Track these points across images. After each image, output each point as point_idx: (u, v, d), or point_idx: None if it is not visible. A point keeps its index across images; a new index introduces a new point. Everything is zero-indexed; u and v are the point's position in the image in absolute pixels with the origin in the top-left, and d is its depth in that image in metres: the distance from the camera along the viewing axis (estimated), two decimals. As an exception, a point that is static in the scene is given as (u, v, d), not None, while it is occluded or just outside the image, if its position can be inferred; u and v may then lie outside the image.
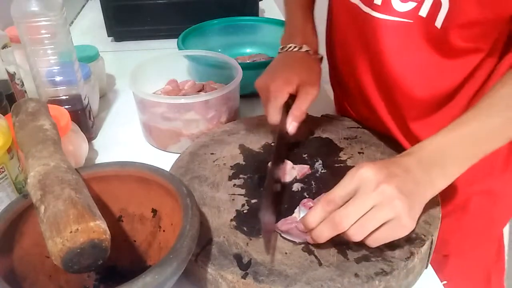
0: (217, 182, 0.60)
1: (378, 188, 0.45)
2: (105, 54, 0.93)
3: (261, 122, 0.73)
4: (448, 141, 0.50)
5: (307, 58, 0.68)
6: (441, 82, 0.59)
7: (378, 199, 0.45)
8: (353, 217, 0.45)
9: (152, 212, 0.50)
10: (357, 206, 0.45)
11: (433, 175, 0.49)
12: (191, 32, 0.98)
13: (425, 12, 0.53)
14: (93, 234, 0.37)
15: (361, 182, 0.46)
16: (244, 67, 0.77)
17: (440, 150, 0.49)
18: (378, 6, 0.56)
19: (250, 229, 0.52)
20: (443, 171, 0.49)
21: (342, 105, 0.78)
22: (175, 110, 0.71)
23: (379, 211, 0.45)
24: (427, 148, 0.50)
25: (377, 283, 0.46)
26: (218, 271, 0.47)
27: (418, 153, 0.50)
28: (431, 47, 0.55)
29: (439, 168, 0.49)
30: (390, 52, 0.57)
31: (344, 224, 0.45)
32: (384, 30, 0.56)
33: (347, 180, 0.47)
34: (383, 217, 0.45)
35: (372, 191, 0.45)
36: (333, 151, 0.66)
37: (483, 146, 0.51)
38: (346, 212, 0.45)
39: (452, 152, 0.49)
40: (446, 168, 0.49)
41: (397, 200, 0.45)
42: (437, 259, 0.68)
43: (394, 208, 0.45)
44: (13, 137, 0.51)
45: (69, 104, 0.71)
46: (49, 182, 0.40)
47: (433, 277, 0.53)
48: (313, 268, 0.47)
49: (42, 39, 0.65)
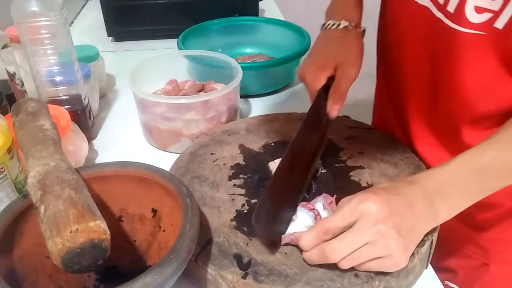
0: (217, 182, 0.60)
1: (376, 226, 0.44)
2: (105, 54, 0.93)
3: (261, 122, 0.73)
4: (458, 174, 0.48)
5: (346, 35, 0.64)
6: (508, 98, 0.54)
7: (374, 237, 0.44)
8: (344, 252, 0.45)
9: (152, 212, 0.50)
10: (351, 241, 0.44)
11: (436, 207, 0.47)
12: (191, 32, 0.98)
13: (502, 24, 0.48)
14: (93, 234, 0.37)
15: (361, 216, 0.45)
16: (244, 67, 0.77)
17: (449, 182, 0.48)
18: (450, 14, 0.52)
19: (250, 229, 0.52)
20: (448, 204, 0.48)
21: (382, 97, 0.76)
22: (175, 110, 0.71)
23: (372, 248, 0.44)
24: (435, 178, 0.48)
25: (377, 283, 0.46)
26: (218, 271, 0.47)
27: (425, 182, 0.48)
28: (503, 62, 0.51)
29: (444, 201, 0.47)
30: (457, 63, 0.54)
31: (335, 257, 0.45)
32: (454, 41, 0.52)
33: (348, 211, 0.45)
34: (375, 254, 0.45)
35: (369, 228, 0.44)
36: (333, 151, 0.66)
37: (494, 182, 0.48)
38: (338, 246, 0.45)
39: (460, 186, 0.48)
40: (451, 202, 0.48)
41: (392, 240, 0.44)
42: (474, 265, 0.67)
43: (387, 247, 0.44)
44: (13, 137, 0.51)
45: (69, 104, 0.71)
46: (49, 182, 0.40)
47: (433, 277, 0.53)
48: (313, 268, 0.47)
49: (42, 39, 0.65)
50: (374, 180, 0.60)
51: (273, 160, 0.63)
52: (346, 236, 0.45)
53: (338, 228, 0.45)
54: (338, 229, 0.45)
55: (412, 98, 0.64)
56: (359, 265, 0.45)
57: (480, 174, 0.48)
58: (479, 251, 0.67)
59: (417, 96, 0.63)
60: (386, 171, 0.61)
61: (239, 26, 1.05)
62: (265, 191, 0.53)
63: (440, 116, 0.61)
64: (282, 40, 1.00)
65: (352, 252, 0.44)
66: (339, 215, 0.46)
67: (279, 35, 1.02)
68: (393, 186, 0.48)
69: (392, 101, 0.73)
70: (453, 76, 0.55)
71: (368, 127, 0.71)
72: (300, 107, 0.79)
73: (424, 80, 0.61)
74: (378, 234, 0.44)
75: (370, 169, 0.62)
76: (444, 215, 0.48)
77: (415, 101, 0.64)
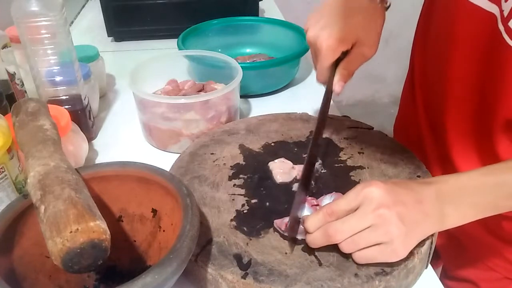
0: (217, 182, 0.60)
1: (378, 210, 0.45)
2: (105, 54, 0.93)
3: (261, 122, 0.73)
4: (473, 184, 0.48)
5: (371, 8, 0.58)
6: None
7: (375, 220, 0.45)
8: (346, 233, 0.45)
9: (152, 212, 0.50)
10: (353, 223, 0.45)
11: (446, 211, 0.47)
12: (191, 32, 0.98)
13: None
14: (93, 234, 0.37)
15: (364, 200, 0.46)
16: (244, 67, 0.77)
17: (463, 190, 0.47)
18: (510, 29, 0.48)
19: (250, 229, 0.52)
20: (458, 211, 0.47)
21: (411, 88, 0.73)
22: (175, 110, 0.71)
23: (373, 232, 0.45)
24: (450, 183, 0.48)
25: (377, 283, 0.46)
26: (218, 271, 0.47)
27: (439, 185, 0.48)
28: None
29: (454, 207, 0.47)
30: (506, 80, 0.52)
31: (337, 238, 0.46)
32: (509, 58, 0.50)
33: (353, 195, 0.46)
34: (376, 239, 0.45)
35: (371, 212, 0.45)
36: (333, 151, 0.66)
37: (509, 202, 0.48)
38: (341, 227, 0.46)
39: (473, 196, 0.47)
40: (462, 210, 0.47)
41: (394, 226, 0.45)
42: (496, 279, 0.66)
43: (388, 233, 0.45)
44: (13, 137, 0.51)
45: (69, 104, 0.71)
46: (49, 182, 0.40)
47: (433, 277, 0.53)
48: (313, 268, 0.47)
49: (42, 39, 0.65)
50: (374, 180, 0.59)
51: (273, 160, 0.63)
52: (349, 218, 0.46)
53: (342, 210, 0.46)
54: (343, 212, 0.46)
55: (454, 107, 0.62)
56: (358, 253, 0.46)
57: (496, 190, 0.47)
58: (504, 264, 0.65)
59: (460, 105, 0.61)
60: (386, 171, 0.61)
61: (239, 26, 1.05)
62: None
63: (480, 128, 0.59)
64: (282, 40, 1.00)
65: (353, 234, 0.45)
66: (344, 199, 0.47)
67: (279, 35, 1.02)
68: (405, 181, 0.49)
69: (427, 108, 0.70)
70: (501, 92, 0.53)
71: (368, 127, 0.71)
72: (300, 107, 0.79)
73: (470, 90, 0.58)
74: (380, 218, 0.45)
75: (370, 169, 0.62)
76: (452, 221, 0.48)
77: (456, 110, 0.61)
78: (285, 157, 0.63)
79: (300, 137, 0.69)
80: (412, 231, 0.46)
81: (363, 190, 0.46)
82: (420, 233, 0.47)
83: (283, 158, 0.63)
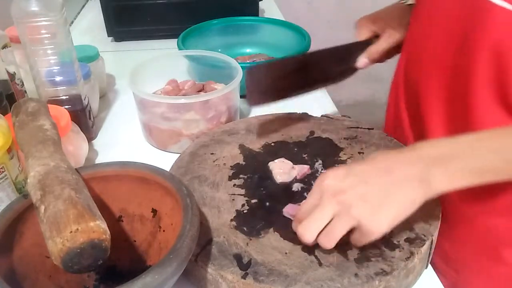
0: (217, 182, 0.60)
1: (336, 197, 0.45)
2: (105, 54, 0.93)
3: (261, 122, 0.73)
4: (466, 150, 0.46)
5: (403, 9, 0.71)
6: None
7: (336, 207, 0.45)
8: (314, 230, 0.46)
9: (152, 212, 0.50)
10: (315, 218, 0.46)
11: (433, 175, 0.45)
12: (191, 32, 0.98)
13: None
14: (93, 234, 0.37)
15: (323, 191, 0.46)
16: (244, 67, 0.77)
17: (454, 155, 0.46)
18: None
19: (250, 229, 0.52)
20: (447, 176, 0.45)
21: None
22: (175, 110, 0.71)
23: (339, 219, 0.45)
24: (439, 147, 0.47)
25: (377, 283, 0.46)
26: (218, 271, 0.47)
27: (426, 150, 0.46)
28: None
29: (443, 171, 0.45)
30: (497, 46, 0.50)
31: (307, 236, 0.46)
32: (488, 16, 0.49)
33: (314, 190, 0.47)
34: (344, 226, 0.45)
35: (330, 200, 0.45)
36: (333, 151, 0.66)
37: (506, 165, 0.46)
38: (307, 224, 0.46)
39: (465, 162, 0.46)
40: (451, 174, 0.46)
41: (355, 208, 0.44)
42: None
43: (352, 216, 0.44)
44: (13, 137, 0.51)
45: (69, 104, 0.71)
46: (49, 182, 0.40)
47: (433, 277, 0.53)
48: (313, 268, 0.47)
49: (42, 39, 0.65)
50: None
51: (273, 160, 0.63)
52: (312, 214, 0.46)
53: (305, 211, 0.47)
54: (306, 213, 0.47)
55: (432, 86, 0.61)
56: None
57: (490, 154, 0.46)
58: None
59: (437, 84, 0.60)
60: (386, 171, 0.61)
61: (239, 26, 1.05)
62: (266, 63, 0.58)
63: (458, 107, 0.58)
64: (282, 40, 1.00)
65: (323, 228, 0.46)
66: (308, 197, 0.48)
67: (279, 35, 1.02)
68: (373, 156, 0.48)
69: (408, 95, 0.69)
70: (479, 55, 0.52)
71: (368, 127, 0.71)
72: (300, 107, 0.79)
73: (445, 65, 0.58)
74: (340, 204, 0.45)
75: (370, 169, 0.62)
76: (440, 186, 0.45)
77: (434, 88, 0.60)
78: (285, 157, 0.63)
79: (300, 137, 0.69)
80: (382, 205, 0.44)
81: (321, 183, 0.46)
82: (397, 202, 0.45)
83: (283, 158, 0.63)
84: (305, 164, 0.62)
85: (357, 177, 0.46)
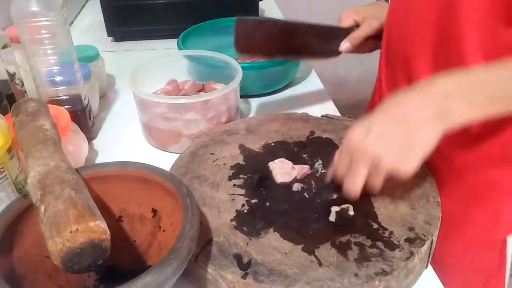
0: (217, 182, 0.60)
1: (365, 154, 0.49)
2: (105, 54, 0.93)
3: (261, 122, 0.73)
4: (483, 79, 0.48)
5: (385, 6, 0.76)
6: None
7: (369, 162, 0.49)
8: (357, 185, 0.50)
9: (152, 212, 0.50)
10: (354, 176, 0.50)
11: (451, 107, 0.47)
12: (191, 32, 0.98)
13: None
14: (93, 234, 0.37)
15: (351, 153, 0.50)
16: (244, 67, 0.77)
17: (473, 84, 0.48)
18: None
19: (250, 229, 0.52)
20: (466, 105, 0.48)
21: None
22: (175, 110, 0.71)
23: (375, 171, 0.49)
24: (453, 80, 0.48)
25: (377, 283, 0.46)
26: (218, 271, 0.47)
27: (438, 85, 0.48)
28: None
29: (461, 101, 0.47)
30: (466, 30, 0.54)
31: (353, 193, 0.51)
32: None
33: (342, 154, 0.53)
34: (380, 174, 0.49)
35: (362, 159, 0.49)
36: (333, 151, 0.66)
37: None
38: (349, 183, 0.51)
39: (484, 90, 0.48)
40: (470, 103, 0.48)
41: (384, 158, 0.48)
42: None
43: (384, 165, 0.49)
44: (13, 137, 0.51)
45: (69, 104, 0.71)
46: (49, 182, 0.40)
47: (433, 277, 0.53)
48: (313, 268, 0.47)
49: (42, 39, 0.65)
50: None
51: (273, 160, 0.63)
52: (351, 171, 0.51)
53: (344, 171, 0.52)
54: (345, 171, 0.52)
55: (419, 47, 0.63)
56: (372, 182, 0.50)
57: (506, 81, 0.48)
58: None
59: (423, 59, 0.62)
60: (386, 171, 0.61)
61: (239, 26, 1.05)
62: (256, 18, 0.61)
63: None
64: (282, 40, 1.00)
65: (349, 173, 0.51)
66: (340, 159, 0.53)
67: (279, 35, 1.02)
68: (387, 104, 0.51)
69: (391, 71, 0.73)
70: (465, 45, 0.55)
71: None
72: (300, 107, 0.79)
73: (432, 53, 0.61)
74: (371, 159, 0.49)
75: (370, 169, 0.62)
76: (460, 112, 0.48)
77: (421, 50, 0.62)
78: (285, 157, 0.63)
79: (300, 137, 0.69)
80: (407, 149, 0.48)
81: (347, 145, 0.51)
82: (418, 143, 0.48)
83: (283, 158, 0.63)
84: (305, 164, 0.62)
85: (378, 131, 0.49)
